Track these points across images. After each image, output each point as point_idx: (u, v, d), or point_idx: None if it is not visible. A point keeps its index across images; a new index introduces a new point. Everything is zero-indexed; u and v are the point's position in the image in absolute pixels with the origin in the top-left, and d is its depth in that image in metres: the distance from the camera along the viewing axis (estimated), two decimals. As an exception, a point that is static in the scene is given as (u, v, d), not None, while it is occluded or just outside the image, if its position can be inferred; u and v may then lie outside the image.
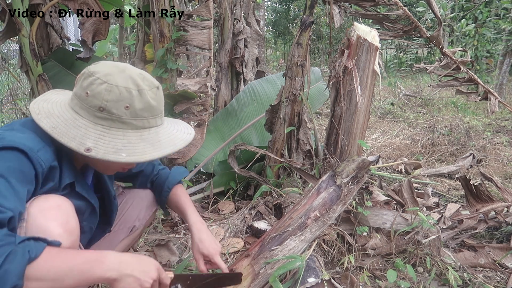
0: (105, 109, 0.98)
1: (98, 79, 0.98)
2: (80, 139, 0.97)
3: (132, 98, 0.99)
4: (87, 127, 0.99)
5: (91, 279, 0.87)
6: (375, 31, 1.96)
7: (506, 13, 6.96)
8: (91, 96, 0.98)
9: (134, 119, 1.01)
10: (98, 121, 0.99)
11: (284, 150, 2.42)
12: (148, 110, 1.02)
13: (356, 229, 1.89)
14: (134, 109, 1.00)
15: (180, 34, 2.37)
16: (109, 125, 1.00)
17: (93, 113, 0.99)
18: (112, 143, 0.98)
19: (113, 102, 0.98)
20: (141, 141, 1.02)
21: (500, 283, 1.74)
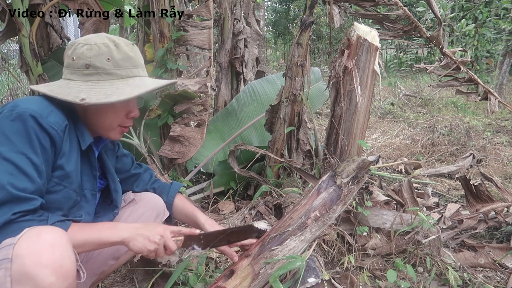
0: (90, 64, 1.10)
1: (79, 44, 1.13)
2: (75, 93, 1.08)
3: (110, 51, 1.12)
4: (79, 85, 1.11)
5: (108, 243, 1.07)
6: (375, 31, 1.96)
7: (506, 13, 6.96)
8: (77, 59, 1.11)
9: (118, 68, 1.13)
10: (87, 78, 1.11)
11: (284, 150, 2.42)
12: (128, 60, 1.15)
13: (356, 229, 1.89)
14: (115, 60, 1.12)
15: (180, 34, 2.37)
16: (97, 79, 1.11)
17: (82, 73, 1.11)
18: (102, 92, 1.09)
19: (95, 57, 1.10)
20: (128, 86, 1.13)
21: (500, 283, 1.74)
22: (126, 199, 1.48)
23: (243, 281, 1.29)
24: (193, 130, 2.44)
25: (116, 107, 1.17)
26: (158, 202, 1.51)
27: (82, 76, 1.11)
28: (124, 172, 1.51)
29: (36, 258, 0.83)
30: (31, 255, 0.83)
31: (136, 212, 1.45)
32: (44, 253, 0.84)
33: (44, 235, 0.87)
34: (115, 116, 1.19)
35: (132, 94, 1.11)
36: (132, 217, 1.43)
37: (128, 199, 1.49)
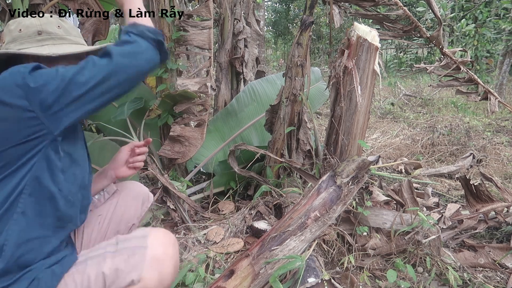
0: (43, 30, 1.11)
1: (21, 18, 1.14)
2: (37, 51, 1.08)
3: (58, 21, 1.16)
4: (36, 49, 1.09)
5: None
6: (375, 31, 1.96)
7: (506, 13, 6.96)
8: (25, 28, 1.10)
9: (69, 35, 1.16)
10: (42, 43, 1.11)
11: (284, 150, 2.42)
12: (74, 30, 1.19)
13: (356, 229, 1.89)
14: (65, 28, 1.16)
15: (180, 34, 2.37)
16: (53, 43, 1.12)
17: (34, 39, 1.10)
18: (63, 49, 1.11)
19: (46, 24, 1.12)
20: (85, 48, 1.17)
21: (500, 283, 1.74)
22: (109, 191, 1.45)
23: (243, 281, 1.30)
24: (193, 130, 2.44)
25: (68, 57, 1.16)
26: (141, 190, 1.51)
27: (35, 42, 1.11)
28: None
29: (165, 249, 1.07)
30: (162, 245, 1.07)
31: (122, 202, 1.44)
32: (170, 247, 1.08)
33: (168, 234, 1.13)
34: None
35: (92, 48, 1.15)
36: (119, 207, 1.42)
37: (111, 190, 1.45)
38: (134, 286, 1.00)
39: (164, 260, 1.05)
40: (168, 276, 1.05)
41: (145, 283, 1.01)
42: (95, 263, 1.02)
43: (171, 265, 1.07)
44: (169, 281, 1.06)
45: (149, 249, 1.04)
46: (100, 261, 1.02)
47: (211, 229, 2.15)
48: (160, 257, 1.05)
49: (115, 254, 1.03)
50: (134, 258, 1.01)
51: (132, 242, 1.06)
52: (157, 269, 1.03)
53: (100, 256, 1.04)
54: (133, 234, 1.10)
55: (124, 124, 2.50)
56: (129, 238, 1.08)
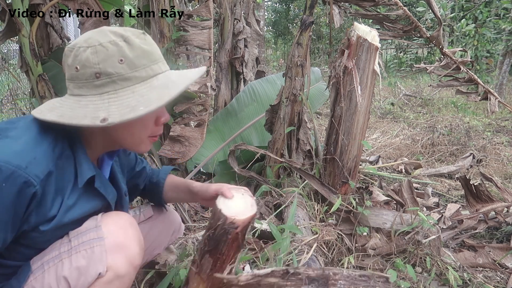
0: (101, 72, 0.89)
1: (80, 47, 0.90)
2: (92, 114, 0.87)
3: (121, 50, 0.90)
4: (94, 101, 0.90)
5: None
6: (375, 31, 1.96)
7: (506, 13, 6.96)
8: (82, 68, 0.90)
9: (135, 70, 0.91)
10: (101, 90, 0.90)
11: (284, 150, 2.42)
12: (145, 56, 0.93)
13: (356, 229, 1.89)
14: (130, 60, 0.90)
15: (180, 34, 2.37)
16: (114, 88, 0.90)
17: (93, 84, 0.90)
18: (125, 104, 0.88)
19: (104, 61, 0.89)
20: (153, 89, 0.92)
21: (500, 283, 1.74)
22: (146, 214, 1.40)
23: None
24: (193, 130, 2.44)
25: (144, 118, 0.93)
26: (175, 219, 1.50)
27: (94, 88, 0.90)
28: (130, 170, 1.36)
29: (125, 232, 0.99)
30: (120, 230, 0.99)
31: (155, 229, 1.42)
32: (128, 228, 1.01)
33: (122, 215, 1.04)
34: (144, 128, 1.00)
35: (162, 101, 0.90)
36: (151, 234, 1.40)
37: (147, 214, 1.41)
38: (104, 277, 0.93)
39: (127, 243, 0.98)
40: (136, 255, 0.99)
41: (115, 270, 0.95)
42: (52, 268, 0.94)
43: (136, 244, 1.00)
44: (138, 260, 1.01)
45: (107, 238, 0.95)
46: (57, 265, 0.94)
47: (211, 229, 2.15)
48: (121, 241, 0.97)
49: (71, 253, 0.94)
50: (94, 252, 0.94)
51: (86, 235, 0.96)
52: (122, 253, 0.96)
53: (56, 258, 0.95)
54: (85, 226, 0.99)
55: (124, 124, 2.50)
56: (82, 232, 0.97)
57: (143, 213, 1.41)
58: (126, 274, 0.97)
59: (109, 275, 0.94)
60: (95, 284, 0.93)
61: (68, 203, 0.95)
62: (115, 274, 0.95)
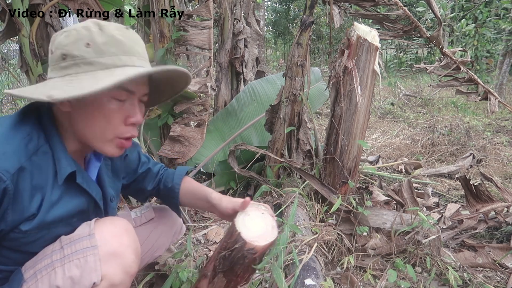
0: (67, 54, 0.87)
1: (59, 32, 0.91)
2: (47, 92, 0.84)
3: (91, 34, 0.87)
4: (55, 82, 0.88)
5: None
6: (375, 31, 1.96)
7: (506, 13, 6.96)
8: (55, 50, 0.89)
9: (101, 56, 0.87)
10: (64, 72, 0.88)
11: (284, 150, 2.42)
12: (115, 45, 0.89)
13: (356, 229, 1.89)
14: (97, 45, 0.87)
15: (180, 34, 2.37)
16: (76, 71, 0.87)
17: (59, 66, 0.89)
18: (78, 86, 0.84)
19: (71, 43, 0.87)
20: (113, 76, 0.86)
21: (500, 283, 1.74)
22: (147, 216, 1.40)
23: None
24: (193, 130, 2.45)
25: (106, 110, 0.91)
26: (176, 220, 1.49)
27: (59, 70, 0.88)
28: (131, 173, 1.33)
29: (119, 240, 0.96)
30: (115, 238, 0.95)
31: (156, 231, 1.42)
32: (124, 236, 0.97)
33: (117, 222, 1.00)
34: (107, 123, 0.94)
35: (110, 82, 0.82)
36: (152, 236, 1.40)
37: (149, 216, 1.40)
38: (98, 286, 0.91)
39: (122, 251, 0.95)
40: (132, 264, 0.97)
41: (110, 279, 0.92)
42: (45, 276, 0.92)
43: (131, 252, 0.97)
44: (135, 268, 0.98)
45: (100, 246, 0.93)
46: (50, 273, 0.91)
47: (211, 229, 2.15)
48: (116, 250, 0.94)
49: (63, 261, 0.92)
50: (88, 261, 0.91)
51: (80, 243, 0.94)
52: (117, 262, 0.94)
53: (49, 266, 0.92)
54: (77, 233, 0.96)
55: (124, 124, 2.50)
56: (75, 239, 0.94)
57: (144, 215, 1.40)
58: (121, 283, 0.95)
59: (103, 284, 0.92)
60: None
61: (50, 200, 0.92)
62: (110, 283, 0.93)
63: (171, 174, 1.38)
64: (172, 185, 1.34)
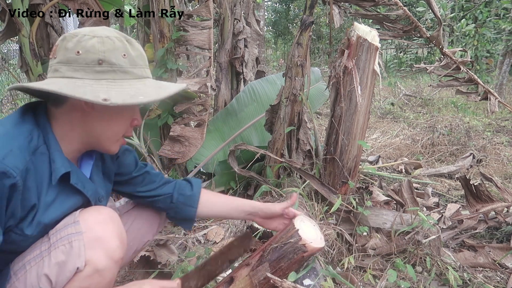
0: (104, 60, 0.93)
1: (85, 35, 0.94)
2: (92, 93, 0.89)
3: (125, 47, 0.97)
4: (91, 84, 0.92)
5: None
6: (375, 31, 1.96)
7: (506, 13, 6.96)
8: (84, 53, 0.92)
9: (134, 67, 0.98)
10: (100, 76, 0.93)
11: (284, 150, 2.42)
12: (142, 58, 1.01)
13: (356, 229, 1.89)
14: (131, 57, 0.97)
15: (180, 34, 2.37)
16: (113, 77, 0.94)
17: (92, 69, 0.93)
18: (124, 92, 0.93)
19: (110, 51, 0.94)
20: (147, 87, 0.99)
21: (500, 283, 1.74)
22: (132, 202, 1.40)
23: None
24: (193, 130, 2.45)
25: (124, 113, 1.02)
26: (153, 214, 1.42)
27: (93, 73, 0.93)
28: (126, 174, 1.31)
29: (104, 226, 0.99)
30: (99, 224, 0.99)
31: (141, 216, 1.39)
32: (108, 222, 1.01)
33: (102, 210, 1.04)
34: (122, 124, 1.04)
35: (159, 95, 0.97)
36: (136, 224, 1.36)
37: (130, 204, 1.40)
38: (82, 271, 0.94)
39: (106, 237, 0.98)
40: (116, 249, 0.99)
41: (94, 264, 0.95)
42: (34, 267, 0.95)
43: (116, 238, 1.00)
44: (119, 254, 1.01)
45: (85, 232, 0.96)
46: (39, 263, 0.95)
47: (211, 229, 2.15)
48: (100, 235, 0.98)
49: (50, 250, 0.95)
50: (73, 246, 0.94)
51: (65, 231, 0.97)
52: (101, 248, 0.97)
53: (37, 257, 0.96)
54: (63, 222, 0.99)
55: (124, 124, 2.49)
56: (60, 228, 0.98)
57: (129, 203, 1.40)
58: (106, 268, 0.97)
59: (87, 270, 0.94)
60: (74, 278, 0.94)
61: (45, 201, 0.95)
62: (94, 268, 0.95)
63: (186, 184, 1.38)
64: (192, 194, 1.35)
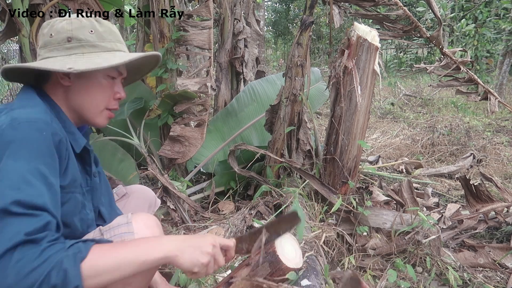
0: (72, 37, 1.03)
1: (57, 20, 1.05)
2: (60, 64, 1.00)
3: (92, 24, 1.06)
4: (62, 59, 1.02)
5: (150, 261, 0.88)
6: (375, 31, 1.96)
7: (506, 13, 6.96)
8: (56, 34, 1.03)
9: (102, 41, 1.07)
10: (70, 52, 1.03)
11: (284, 150, 2.42)
12: (111, 33, 1.09)
13: (356, 229, 1.89)
14: (99, 32, 1.06)
15: (180, 34, 2.37)
16: (82, 51, 1.04)
17: (63, 47, 1.03)
18: (90, 61, 1.02)
19: (77, 29, 1.04)
20: (115, 56, 1.07)
21: (500, 283, 1.74)
22: (119, 193, 1.47)
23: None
24: (193, 130, 2.44)
25: (103, 84, 1.09)
26: (149, 193, 1.53)
27: (64, 50, 1.03)
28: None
29: (152, 231, 1.08)
30: (148, 228, 1.08)
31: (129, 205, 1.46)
32: (155, 228, 1.11)
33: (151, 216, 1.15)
34: (102, 94, 1.10)
35: (122, 59, 1.05)
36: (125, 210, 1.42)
37: (120, 193, 1.47)
38: None
39: None
40: None
41: None
42: None
43: None
44: None
45: (137, 233, 1.04)
46: None
47: (211, 229, 2.15)
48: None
49: None
50: None
51: (118, 229, 1.05)
52: None
53: None
54: (116, 221, 1.08)
55: (124, 124, 2.50)
56: (114, 227, 1.06)
57: (116, 193, 1.45)
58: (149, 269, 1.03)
59: None
60: None
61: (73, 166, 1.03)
62: None
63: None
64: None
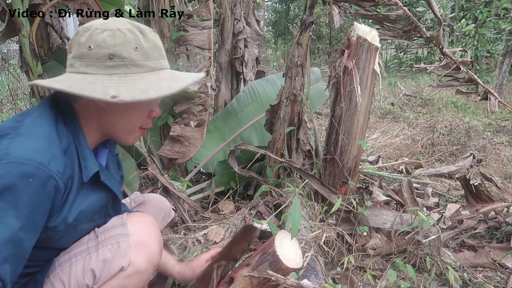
0: (115, 54, 0.92)
1: (97, 29, 0.93)
2: (101, 89, 0.88)
3: (137, 39, 0.94)
4: (102, 80, 0.91)
5: None
6: (375, 31, 1.96)
7: (506, 13, 6.96)
8: (96, 47, 0.91)
9: (147, 60, 0.96)
10: (111, 71, 0.92)
11: (284, 150, 2.42)
12: (156, 49, 0.98)
13: (356, 229, 1.89)
14: (144, 49, 0.95)
15: (180, 34, 2.37)
16: (124, 71, 0.93)
17: (104, 64, 0.92)
18: (135, 87, 0.91)
19: (120, 45, 0.92)
20: (161, 80, 0.96)
21: (500, 283, 1.74)
22: (137, 200, 1.47)
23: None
24: (193, 130, 2.44)
25: (141, 105, 1.01)
26: (165, 205, 1.53)
27: (104, 68, 0.92)
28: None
29: (148, 231, 1.09)
30: (144, 229, 1.09)
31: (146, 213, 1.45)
32: (151, 228, 1.11)
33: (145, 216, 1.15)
34: (140, 116, 1.03)
35: (171, 89, 0.94)
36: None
37: (138, 200, 1.48)
38: (125, 271, 1.01)
39: (150, 242, 1.08)
40: (156, 254, 1.08)
41: (136, 266, 1.03)
42: (80, 261, 1.02)
43: (157, 244, 1.10)
44: (159, 259, 1.10)
45: (131, 235, 1.05)
46: (85, 258, 1.02)
47: (211, 229, 2.15)
48: (144, 239, 1.07)
49: (98, 247, 1.03)
50: (120, 246, 1.02)
51: (113, 231, 1.06)
52: (144, 251, 1.05)
53: (84, 252, 1.03)
54: (111, 223, 1.08)
55: (124, 124, 2.49)
56: (109, 228, 1.06)
57: (134, 200, 1.47)
58: (145, 270, 1.06)
59: (129, 270, 1.02)
60: (117, 276, 1.01)
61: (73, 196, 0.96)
62: (136, 269, 1.03)
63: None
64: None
